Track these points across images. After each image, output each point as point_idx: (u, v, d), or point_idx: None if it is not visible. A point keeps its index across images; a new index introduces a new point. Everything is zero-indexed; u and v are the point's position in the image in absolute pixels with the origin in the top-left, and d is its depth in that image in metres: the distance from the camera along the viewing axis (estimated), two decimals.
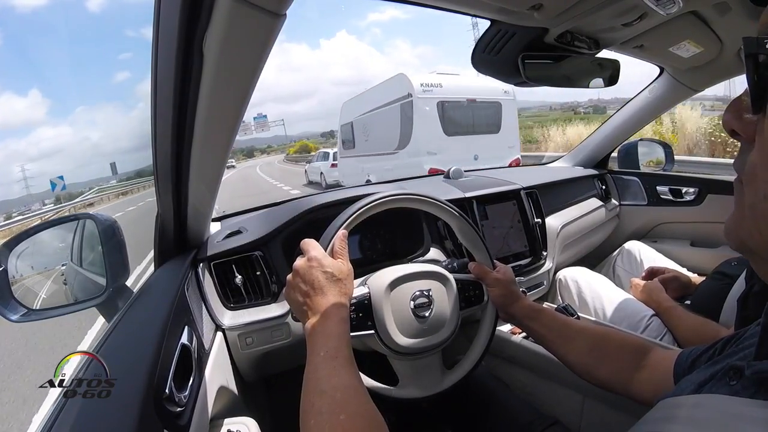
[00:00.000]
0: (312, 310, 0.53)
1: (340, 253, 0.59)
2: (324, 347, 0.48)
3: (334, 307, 0.52)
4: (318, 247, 0.58)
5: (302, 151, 38.66)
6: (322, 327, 0.50)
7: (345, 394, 0.43)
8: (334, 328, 0.50)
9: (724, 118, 0.28)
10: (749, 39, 0.24)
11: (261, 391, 1.05)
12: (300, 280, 0.55)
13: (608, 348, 0.59)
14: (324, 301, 0.53)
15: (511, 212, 1.17)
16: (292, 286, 0.56)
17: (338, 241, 0.60)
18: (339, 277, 0.55)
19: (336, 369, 0.45)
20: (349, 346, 0.49)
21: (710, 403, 0.29)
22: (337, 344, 0.48)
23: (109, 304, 0.67)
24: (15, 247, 0.64)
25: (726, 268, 0.99)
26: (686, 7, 0.72)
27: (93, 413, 0.38)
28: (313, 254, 0.56)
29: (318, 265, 0.55)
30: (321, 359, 0.46)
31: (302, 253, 0.58)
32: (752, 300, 0.70)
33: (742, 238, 0.27)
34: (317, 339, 0.49)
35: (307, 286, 0.54)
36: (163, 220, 0.71)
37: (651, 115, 1.41)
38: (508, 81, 0.82)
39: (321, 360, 0.46)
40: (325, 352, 0.47)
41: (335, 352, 0.47)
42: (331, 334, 0.49)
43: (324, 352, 0.47)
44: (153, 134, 0.56)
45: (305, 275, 0.55)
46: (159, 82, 0.47)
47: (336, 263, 0.57)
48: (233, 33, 0.37)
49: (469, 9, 0.66)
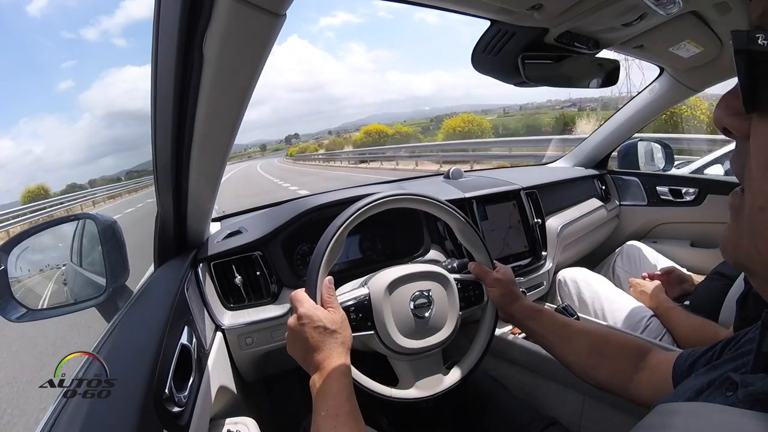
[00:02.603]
0: (311, 367, 0.54)
1: (328, 302, 0.59)
2: (324, 406, 0.48)
3: (331, 362, 0.52)
4: (306, 300, 0.58)
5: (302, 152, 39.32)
6: (322, 385, 0.51)
7: None
8: (333, 385, 0.50)
9: (715, 115, 0.26)
10: (739, 33, 0.22)
11: (261, 391, 1.05)
12: (295, 338, 0.56)
13: (607, 349, 0.59)
14: (320, 357, 0.53)
15: (510, 212, 1.17)
16: (290, 342, 0.57)
17: (325, 290, 0.60)
18: (332, 329, 0.55)
19: (337, 428, 0.46)
20: (351, 400, 0.50)
21: (706, 412, 0.29)
22: (336, 402, 0.49)
23: (109, 304, 0.67)
24: (15, 248, 0.64)
25: (725, 269, 0.99)
26: (686, 7, 0.72)
27: (93, 413, 0.38)
28: (302, 311, 0.56)
29: (309, 322, 0.55)
30: (322, 419, 0.47)
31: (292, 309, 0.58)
32: (751, 300, 0.70)
33: (740, 257, 0.26)
34: (318, 398, 0.50)
35: (302, 344, 0.55)
36: (162, 220, 0.71)
37: (651, 115, 1.41)
38: (508, 81, 0.82)
39: (322, 420, 0.47)
40: (326, 411, 0.48)
41: (335, 410, 0.48)
42: (330, 392, 0.50)
43: (324, 411, 0.48)
44: (153, 134, 0.56)
45: (299, 334, 0.55)
46: (159, 82, 0.47)
47: (326, 314, 0.56)
48: (233, 33, 0.37)
49: (469, 9, 0.65)
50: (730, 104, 0.25)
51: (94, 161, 41.28)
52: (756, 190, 0.23)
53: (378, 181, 1.39)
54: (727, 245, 0.27)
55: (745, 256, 0.25)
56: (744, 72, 0.22)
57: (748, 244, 0.24)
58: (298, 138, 54.59)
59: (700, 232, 1.45)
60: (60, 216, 0.83)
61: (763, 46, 0.21)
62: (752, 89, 0.22)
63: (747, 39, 0.22)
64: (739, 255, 0.26)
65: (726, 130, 0.26)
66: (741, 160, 0.25)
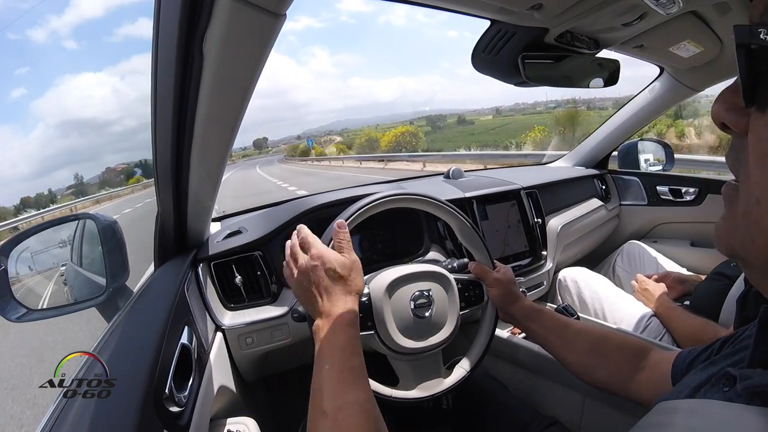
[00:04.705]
0: (318, 313, 0.51)
1: (340, 246, 0.55)
2: (329, 359, 0.45)
3: (339, 310, 0.50)
4: (318, 241, 0.55)
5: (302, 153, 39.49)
6: (327, 335, 0.48)
7: (348, 413, 0.41)
8: (339, 336, 0.47)
9: (714, 110, 0.26)
10: (741, 28, 0.22)
11: (261, 391, 1.05)
12: (304, 278, 0.52)
13: (607, 349, 0.59)
14: (329, 304, 0.50)
15: (511, 212, 1.17)
16: (297, 284, 0.53)
17: (336, 233, 0.56)
18: (342, 275, 0.52)
19: (341, 384, 0.43)
20: (357, 354, 0.47)
21: (706, 409, 0.29)
22: (342, 355, 0.46)
23: (109, 304, 0.67)
24: (15, 247, 0.64)
25: (725, 269, 0.99)
26: (686, 7, 0.72)
27: (93, 413, 0.38)
28: (313, 252, 0.53)
29: (320, 264, 0.52)
30: (326, 373, 0.44)
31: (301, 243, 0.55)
32: (751, 300, 0.70)
33: (734, 247, 0.26)
34: (322, 349, 0.47)
35: (312, 286, 0.51)
36: (162, 220, 0.71)
37: (651, 114, 1.41)
38: (508, 81, 0.82)
39: (326, 374, 0.44)
40: (330, 364, 0.45)
41: (341, 364, 0.45)
42: (336, 344, 0.47)
43: (329, 365, 0.45)
44: (153, 134, 0.56)
45: (308, 276, 0.52)
46: (159, 82, 0.47)
47: (339, 258, 0.53)
48: (233, 33, 0.37)
49: (468, 9, 0.65)
50: (728, 100, 0.25)
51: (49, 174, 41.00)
52: (752, 183, 0.23)
53: (378, 181, 1.39)
54: (722, 236, 0.27)
55: (740, 246, 0.25)
56: (745, 66, 0.23)
57: (743, 236, 0.25)
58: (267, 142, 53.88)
59: (700, 231, 1.45)
60: (59, 216, 0.83)
61: (764, 41, 0.22)
62: (752, 84, 0.23)
63: (749, 34, 0.22)
64: (733, 246, 0.26)
65: (724, 125, 0.26)
66: (736, 155, 0.25)
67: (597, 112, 13.79)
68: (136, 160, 40.50)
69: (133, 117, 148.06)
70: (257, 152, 45.34)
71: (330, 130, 53.23)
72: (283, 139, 54.53)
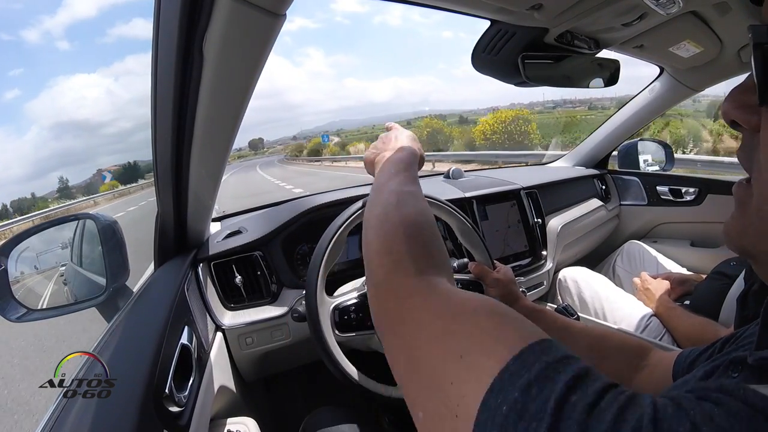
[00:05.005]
0: (385, 152, 0.54)
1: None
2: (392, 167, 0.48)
3: (408, 143, 0.54)
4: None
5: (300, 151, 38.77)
6: (393, 155, 0.51)
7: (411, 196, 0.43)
8: (405, 156, 0.51)
9: (724, 107, 0.26)
10: (758, 27, 0.23)
11: (261, 391, 1.05)
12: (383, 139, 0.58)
13: (607, 349, 0.59)
14: (397, 143, 0.54)
15: (511, 212, 1.17)
16: (373, 147, 0.58)
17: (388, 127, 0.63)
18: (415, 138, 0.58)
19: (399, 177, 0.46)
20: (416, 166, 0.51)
21: None
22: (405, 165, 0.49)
23: (109, 304, 0.67)
24: (15, 247, 0.64)
25: (725, 268, 0.99)
26: (686, 7, 0.72)
27: (93, 413, 0.38)
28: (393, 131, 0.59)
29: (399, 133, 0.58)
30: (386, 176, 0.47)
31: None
32: (752, 299, 0.70)
33: (746, 244, 0.26)
34: (385, 165, 0.50)
35: (385, 140, 0.56)
36: (163, 219, 0.71)
37: (651, 115, 1.41)
38: (508, 81, 0.82)
39: (386, 177, 0.47)
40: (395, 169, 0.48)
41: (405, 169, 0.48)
42: (401, 159, 0.50)
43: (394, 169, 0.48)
44: (153, 134, 0.56)
45: (387, 136, 0.58)
46: (159, 82, 0.47)
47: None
48: (233, 33, 0.37)
49: (468, 9, 0.65)
50: (739, 98, 0.26)
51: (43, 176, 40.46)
52: (765, 180, 0.23)
53: None
54: (732, 233, 0.27)
55: (751, 243, 0.25)
56: (761, 65, 0.23)
57: (755, 233, 0.25)
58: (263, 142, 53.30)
59: (700, 231, 1.45)
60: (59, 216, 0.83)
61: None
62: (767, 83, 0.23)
63: (767, 32, 0.22)
64: (744, 243, 0.26)
65: (734, 123, 0.26)
66: (748, 152, 0.25)
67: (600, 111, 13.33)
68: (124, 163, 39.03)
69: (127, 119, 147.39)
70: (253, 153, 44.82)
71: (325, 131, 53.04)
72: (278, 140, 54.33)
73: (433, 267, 0.34)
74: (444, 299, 0.29)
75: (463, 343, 0.24)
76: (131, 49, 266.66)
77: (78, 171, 71.97)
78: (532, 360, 0.20)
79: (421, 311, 0.29)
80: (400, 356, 0.29)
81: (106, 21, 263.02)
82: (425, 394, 0.25)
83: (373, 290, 0.36)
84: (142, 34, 23.47)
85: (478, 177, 1.36)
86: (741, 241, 0.26)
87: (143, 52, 22.25)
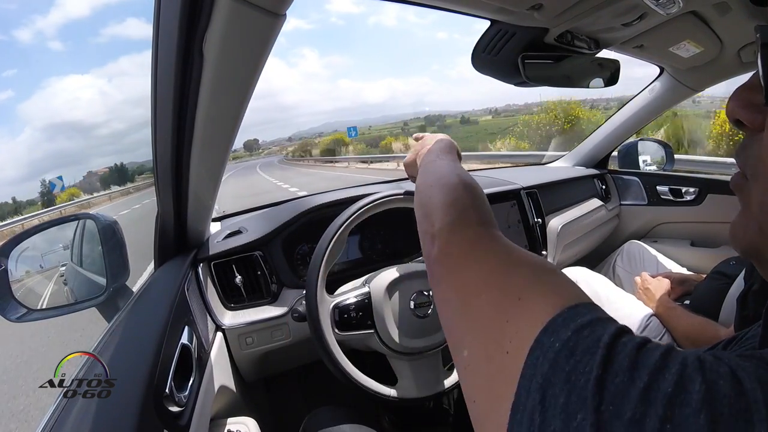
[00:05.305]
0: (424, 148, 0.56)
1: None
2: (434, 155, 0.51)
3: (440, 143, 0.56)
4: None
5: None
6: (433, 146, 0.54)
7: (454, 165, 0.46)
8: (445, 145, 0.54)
9: (729, 107, 0.26)
10: (765, 27, 0.23)
11: (261, 391, 1.05)
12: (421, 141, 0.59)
13: None
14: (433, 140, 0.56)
15: (511, 212, 1.17)
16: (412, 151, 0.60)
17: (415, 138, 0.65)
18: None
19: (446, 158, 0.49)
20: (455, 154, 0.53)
21: None
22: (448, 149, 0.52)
23: (109, 304, 0.67)
24: (15, 247, 0.64)
25: (724, 268, 0.99)
26: (686, 7, 0.72)
27: (93, 413, 0.38)
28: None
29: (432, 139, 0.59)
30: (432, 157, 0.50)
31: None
32: (751, 299, 0.70)
33: (747, 243, 0.26)
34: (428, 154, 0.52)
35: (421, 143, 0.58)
36: (163, 219, 0.71)
37: (651, 115, 1.41)
38: (508, 81, 0.82)
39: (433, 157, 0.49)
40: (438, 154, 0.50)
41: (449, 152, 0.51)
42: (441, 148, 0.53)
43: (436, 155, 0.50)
44: (153, 134, 0.56)
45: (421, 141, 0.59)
46: (159, 82, 0.47)
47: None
48: (233, 33, 0.37)
49: (468, 9, 0.65)
50: (743, 97, 0.26)
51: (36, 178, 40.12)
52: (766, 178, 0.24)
53: (378, 180, 1.39)
54: (737, 234, 0.27)
55: (754, 242, 0.26)
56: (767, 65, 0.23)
57: (757, 231, 0.25)
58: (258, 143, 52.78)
59: (700, 231, 1.45)
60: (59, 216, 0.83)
61: None
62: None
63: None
64: (747, 242, 0.26)
65: (738, 122, 0.26)
66: (749, 151, 0.26)
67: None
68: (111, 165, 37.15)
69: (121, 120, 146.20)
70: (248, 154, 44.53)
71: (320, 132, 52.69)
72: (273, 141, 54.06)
73: (492, 221, 0.37)
74: (506, 248, 0.31)
75: (523, 286, 0.26)
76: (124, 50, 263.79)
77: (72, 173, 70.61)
78: (585, 312, 0.22)
79: (486, 255, 0.31)
80: (453, 299, 0.30)
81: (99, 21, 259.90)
82: (476, 333, 0.26)
83: (433, 240, 0.37)
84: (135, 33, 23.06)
85: (477, 177, 1.36)
86: (744, 239, 0.26)
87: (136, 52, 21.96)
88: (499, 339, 0.24)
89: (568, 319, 0.21)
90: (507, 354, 0.22)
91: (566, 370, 0.19)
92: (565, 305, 0.23)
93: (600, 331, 0.20)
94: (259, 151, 49.51)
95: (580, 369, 0.19)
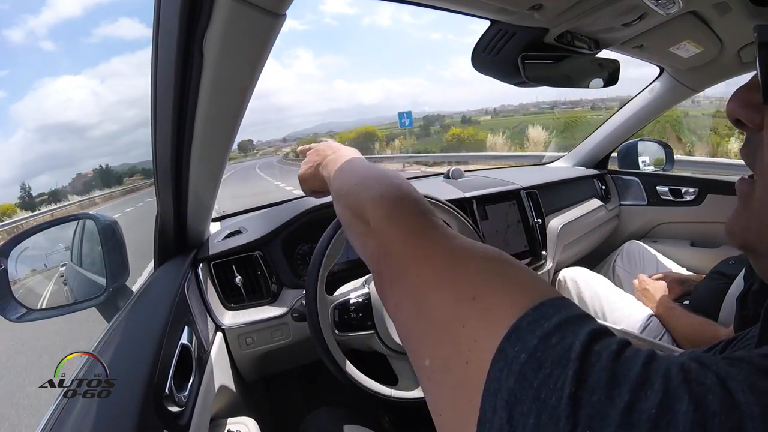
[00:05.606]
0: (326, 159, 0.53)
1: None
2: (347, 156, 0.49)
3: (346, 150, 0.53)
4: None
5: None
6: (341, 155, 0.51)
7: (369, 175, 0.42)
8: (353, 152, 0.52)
9: (729, 107, 0.27)
10: (764, 27, 0.23)
11: (261, 391, 1.05)
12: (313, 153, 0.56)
13: None
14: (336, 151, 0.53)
15: (511, 212, 1.17)
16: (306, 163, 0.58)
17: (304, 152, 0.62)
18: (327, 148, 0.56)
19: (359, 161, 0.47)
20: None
21: None
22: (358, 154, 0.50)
23: (109, 304, 0.67)
24: (15, 247, 0.64)
25: (724, 268, 0.99)
26: (686, 7, 0.72)
27: (93, 413, 0.38)
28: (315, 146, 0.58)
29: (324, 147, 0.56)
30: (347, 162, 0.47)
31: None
32: (751, 299, 0.70)
33: (748, 239, 0.26)
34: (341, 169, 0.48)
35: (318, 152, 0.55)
36: (162, 219, 0.71)
37: (651, 115, 1.41)
38: (508, 81, 0.82)
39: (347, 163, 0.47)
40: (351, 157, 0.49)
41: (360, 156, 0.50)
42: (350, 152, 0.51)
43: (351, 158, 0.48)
44: (153, 134, 0.56)
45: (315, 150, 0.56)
46: (159, 82, 0.47)
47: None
48: (233, 33, 0.37)
49: (468, 9, 0.65)
50: (744, 97, 0.26)
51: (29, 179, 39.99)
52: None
53: None
54: (735, 230, 0.27)
55: (755, 238, 0.26)
56: (766, 65, 0.23)
57: (758, 226, 0.25)
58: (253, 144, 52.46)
59: (700, 231, 1.45)
60: (59, 216, 0.83)
61: None
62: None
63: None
64: (747, 238, 0.26)
65: (738, 121, 0.26)
66: (751, 150, 0.26)
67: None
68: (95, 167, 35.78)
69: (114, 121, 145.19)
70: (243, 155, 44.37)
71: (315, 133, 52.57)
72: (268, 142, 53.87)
73: (430, 209, 0.32)
74: (452, 239, 0.28)
75: (476, 284, 0.23)
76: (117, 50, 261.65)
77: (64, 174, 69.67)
78: (552, 312, 0.19)
79: (429, 249, 0.27)
80: (404, 301, 0.27)
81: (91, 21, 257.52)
82: (432, 338, 0.23)
83: (368, 240, 0.33)
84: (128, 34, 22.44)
85: (477, 177, 1.36)
86: (744, 234, 0.27)
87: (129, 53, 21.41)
88: (456, 347, 0.21)
89: (533, 323, 0.19)
90: (467, 364, 0.20)
91: (534, 386, 0.17)
92: (528, 305, 0.20)
93: (570, 337, 0.18)
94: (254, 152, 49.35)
95: (550, 385, 0.16)
